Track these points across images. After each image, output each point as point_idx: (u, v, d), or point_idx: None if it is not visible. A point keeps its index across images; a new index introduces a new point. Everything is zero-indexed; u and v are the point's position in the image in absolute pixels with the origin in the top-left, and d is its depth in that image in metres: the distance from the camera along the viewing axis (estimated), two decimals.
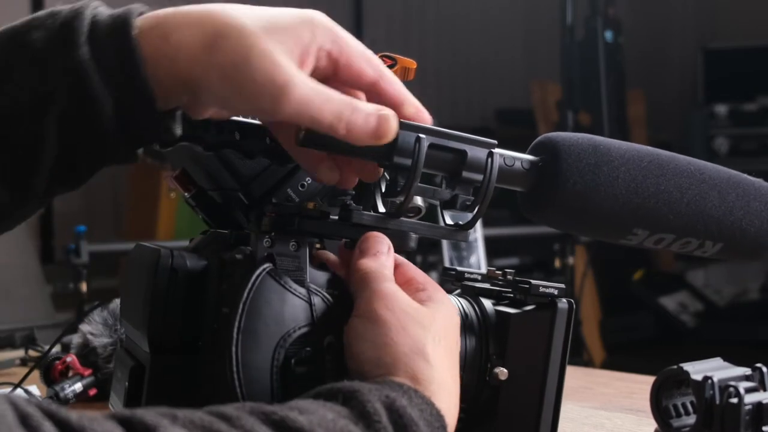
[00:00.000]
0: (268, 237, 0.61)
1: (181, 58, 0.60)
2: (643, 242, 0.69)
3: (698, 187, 0.69)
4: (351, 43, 0.63)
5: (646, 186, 0.67)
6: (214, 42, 0.59)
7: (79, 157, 0.62)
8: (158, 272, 0.64)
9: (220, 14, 0.60)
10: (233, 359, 0.57)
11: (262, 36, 0.59)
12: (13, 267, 2.87)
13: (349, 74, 0.63)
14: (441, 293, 0.65)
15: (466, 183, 0.66)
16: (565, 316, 0.69)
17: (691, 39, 5.17)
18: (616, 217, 0.67)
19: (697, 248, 0.71)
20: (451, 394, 0.60)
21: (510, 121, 4.50)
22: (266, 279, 0.59)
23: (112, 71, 0.60)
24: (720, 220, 0.70)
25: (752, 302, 4.50)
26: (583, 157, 0.67)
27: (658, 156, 0.69)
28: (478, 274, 0.75)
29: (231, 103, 0.61)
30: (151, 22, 0.61)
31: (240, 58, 0.59)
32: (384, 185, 0.68)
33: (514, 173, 0.67)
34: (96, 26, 0.60)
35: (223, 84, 0.59)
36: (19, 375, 1.17)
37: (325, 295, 0.62)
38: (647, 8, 5.24)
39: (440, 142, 0.65)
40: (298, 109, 0.59)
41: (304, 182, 0.73)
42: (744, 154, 4.56)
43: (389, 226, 0.66)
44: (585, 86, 3.69)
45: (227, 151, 0.70)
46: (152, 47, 0.60)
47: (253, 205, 0.72)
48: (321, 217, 0.66)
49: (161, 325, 0.64)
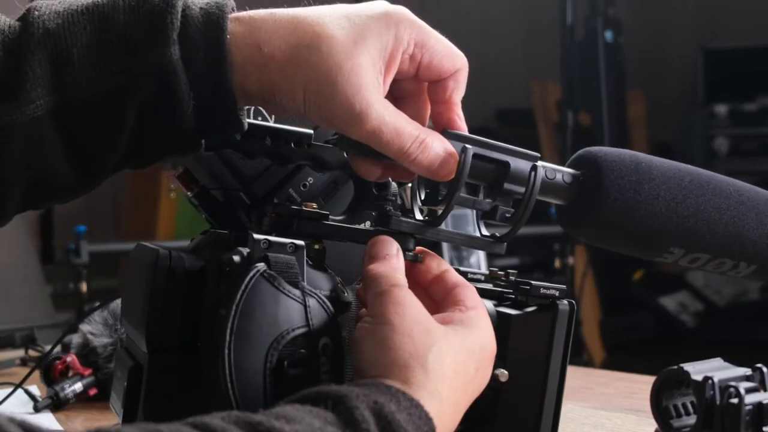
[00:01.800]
0: (266, 239, 0.61)
1: (271, 69, 0.61)
2: (678, 261, 0.70)
3: (737, 208, 0.69)
4: (431, 42, 0.64)
5: (686, 205, 0.67)
6: (303, 55, 0.60)
7: (151, 145, 0.63)
8: (156, 272, 0.64)
9: (312, 23, 0.61)
10: (226, 361, 0.57)
11: (350, 50, 0.60)
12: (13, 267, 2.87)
13: (428, 75, 0.65)
14: (483, 321, 0.63)
15: (507, 194, 0.66)
16: (566, 317, 0.69)
17: (691, 39, 5.17)
18: (655, 236, 0.68)
19: (732, 269, 0.71)
20: (444, 404, 0.59)
21: (510, 121, 4.49)
22: (260, 281, 0.59)
23: (200, 76, 0.60)
24: (756, 242, 0.70)
25: (752, 302, 4.50)
26: (624, 173, 0.67)
27: (699, 175, 0.69)
28: (482, 275, 0.75)
29: (308, 114, 0.62)
30: (244, 29, 0.61)
31: (325, 78, 0.60)
32: (423, 192, 0.68)
33: (555, 186, 0.67)
34: (188, 23, 0.60)
35: (305, 99, 0.61)
36: (19, 375, 1.17)
37: (321, 297, 0.61)
38: (647, 8, 5.24)
39: (484, 152, 0.65)
40: (368, 138, 0.62)
41: (306, 182, 0.73)
42: (744, 154, 4.55)
43: (427, 235, 0.66)
44: (585, 86, 3.69)
45: (228, 150, 0.70)
46: (243, 56, 0.61)
47: (254, 205, 0.72)
48: (320, 219, 0.66)
49: (159, 324, 0.64)
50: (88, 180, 0.64)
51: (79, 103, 0.60)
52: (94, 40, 0.60)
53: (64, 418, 1.04)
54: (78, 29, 0.60)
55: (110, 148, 0.62)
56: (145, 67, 0.59)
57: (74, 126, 0.61)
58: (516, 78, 4.82)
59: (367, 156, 0.65)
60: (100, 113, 0.60)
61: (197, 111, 0.61)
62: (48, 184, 0.62)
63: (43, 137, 0.60)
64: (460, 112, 0.66)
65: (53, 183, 0.62)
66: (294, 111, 0.63)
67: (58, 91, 0.60)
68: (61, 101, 0.60)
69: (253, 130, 0.69)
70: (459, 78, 0.66)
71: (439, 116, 0.66)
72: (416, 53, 0.63)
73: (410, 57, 0.63)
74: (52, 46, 0.60)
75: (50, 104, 0.60)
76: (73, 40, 0.60)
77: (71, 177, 0.62)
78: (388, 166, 0.66)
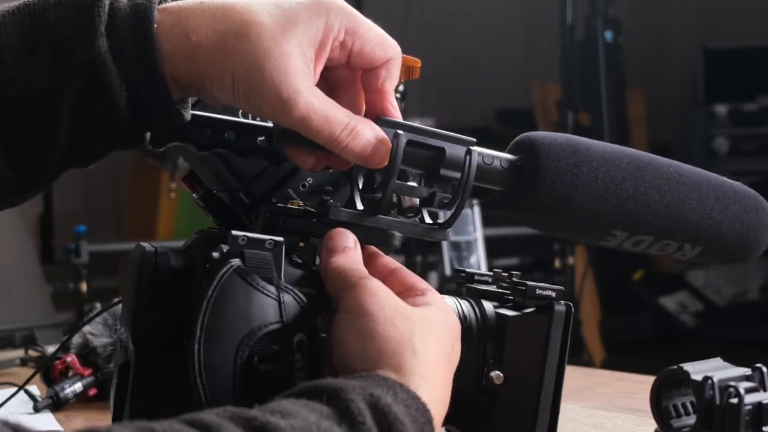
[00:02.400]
0: (244, 235, 0.61)
1: (199, 58, 0.61)
2: (622, 243, 0.69)
3: (677, 189, 0.69)
4: (363, 30, 0.64)
5: (625, 187, 0.67)
6: (231, 43, 0.60)
7: (90, 141, 0.63)
8: (142, 270, 0.64)
9: (240, 11, 0.61)
10: (195, 356, 0.57)
11: (278, 36, 0.60)
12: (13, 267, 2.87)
13: (360, 62, 0.65)
14: (439, 298, 0.64)
15: (444, 181, 0.66)
16: (562, 319, 0.69)
17: (691, 39, 5.17)
18: (595, 218, 0.67)
19: (676, 251, 0.71)
20: (436, 386, 0.59)
21: (510, 121, 4.49)
22: (232, 277, 0.59)
23: (130, 67, 0.60)
24: (698, 223, 0.69)
25: (752, 302, 4.50)
26: (562, 156, 0.66)
27: (638, 157, 0.69)
28: (489, 276, 0.75)
29: (238, 103, 0.62)
30: (172, 18, 0.61)
31: (253, 65, 0.60)
32: (361, 181, 0.68)
33: (492, 172, 0.67)
34: (115, 15, 0.60)
35: (234, 86, 0.61)
36: (19, 375, 1.17)
37: (297, 294, 0.61)
38: (647, 8, 5.24)
39: (418, 138, 0.65)
40: (296, 125, 0.61)
41: (305, 182, 0.73)
42: (744, 154, 4.55)
43: (367, 223, 0.66)
44: (585, 86, 3.69)
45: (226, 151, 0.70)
46: (171, 45, 0.61)
47: (254, 205, 0.72)
48: (304, 216, 0.66)
49: (145, 322, 0.64)
50: (31, 180, 0.64)
51: (13, 103, 0.60)
52: (24, 39, 0.60)
53: (64, 418, 1.04)
54: (9, 30, 0.60)
55: (49, 147, 0.62)
56: (75, 63, 0.60)
57: (10, 126, 0.61)
58: (516, 78, 4.82)
59: (301, 145, 0.65)
60: (35, 112, 0.61)
61: (131, 102, 0.61)
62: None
63: None
64: (393, 101, 0.66)
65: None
66: (224, 99, 0.63)
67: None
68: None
69: (247, 129, 0.69)
70: (391, 67, 0.65)
71: (373, 105, 0.66)
72: (347, 41, 0.63)
73: (341, 44, 0.63)
74: None
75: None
76: (4, 41, 0.60)
77: (12, 178, 0.63)
78: (322, 155, 0.66)
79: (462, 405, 0.68)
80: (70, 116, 0.61)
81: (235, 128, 0.69)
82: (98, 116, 0.61)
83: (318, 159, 0.66)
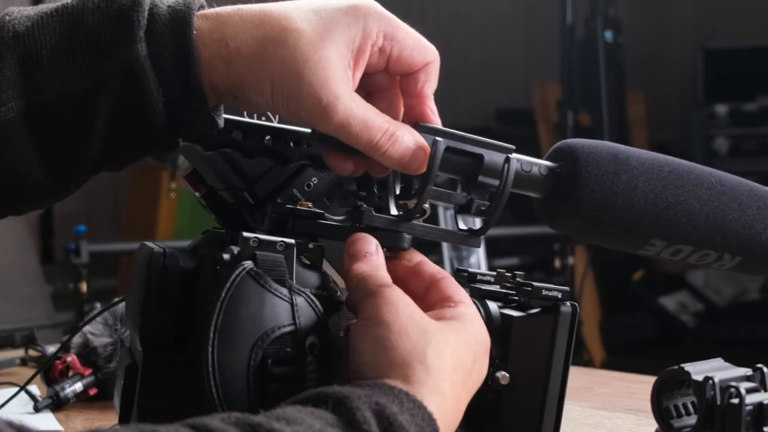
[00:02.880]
0: (255, 237, 0.61)
1: (238, 64, 0.61)
2: (660, 253, 0.68)
3: (718, 199, 0.68)
4: (401, 34, 0.64)
5: (665, 196, 0.66)
6: (270, 49, 0.60)
7: (125, 146, 0.63)
8: (150, 271, 0.64)
9: (278, 18, 0.61)
10: (209, 359, 0.57)
11: (317, 43, 0.60)
12: (13, 267, 2.87)
13: (399, 67, 0.64)
14: (471, 313, 0.63)
15: (482, 188, 0.65)
16: (568, 319, 0.69)
17: (691, 39, 5.17)
18: (634, 227, 0.67)
19: (715, 261, 0.70)
20: (446, 400, 0.58)
21: (510, 121, 4.50)
22: (245, 279, 0.59)
23: (168, 73, 0.60)
24: (739, 233, 0.69)
25: (752, 302, 4.50)
26: (601, 165, 0.66)
27: (679, 166, 0.68)
28: (491, 276, 0.74)
29: (276, 110, 0.62)
30: (211, 25, 0.61)
31: (291, 71, 0.60)
32: (398, 187, 0.67)
33: (531, 179, 0.67)
34: (155, 21, 0.60)
35: (272, 93, 0.61)
36: (20, 374, 1.17)
37: (309, 296, 0.61)
38: (647, 8, 5.24)
39: (457, 145, 0.65)
40: (336, 131, 0.61)
41: (310, 182, 0.73)
42: (744, 154, 4.55)
43: (401, 229, 0.66)
44: (585, 86, 3.69)
45: (232, 150, 0.70)
46: (210, 52, 0.61)
47: (258, 205, 0.72)
48: (314, 218, 0.66)
49: (153, 323, 0.64)
50: (64, 183, 0.64)
51: (49, 104, 0.60)
52: (63, 41, 0.60)
53: (64, 418, 1.04)
54: (47, 31, 0.60)
55: (83, 149, 0.62)
56: (113, 67, 0.60)
57: (46, 128, 0.61)
58: (516, 78, 4.83)
59: (339, 150, 0.65)
60: (71, 114, 0.60)
61: (168, 108, 0.61)
62: (23, 187, 0.63)
63: (15, 139, 0.60)
64: (432, 105, 0.66)
65: (28, 186, 0.63)
66: (263, 106, 0.63)
67: (28, 93, 0.60)
68: (32, 103, 0.60)
69: (253, 129, 0.69)
70: (430, 71, 0.65)
71: (412, 109, 0.66)
72: (386, 46, 0.63)
73: (380, 50, 0.63)
74: (21, 48, 0.60)
75: (21, 106, 0.60)
76: (42, 42, 0.60)
77: (46, 180, 0.63)
78: (360, 161, 0.65)
79: (467, 405, 0.68)
80: (105, 120, 0.61)
81: (242, 128, 0.69)
82: (134, 121, 0.61)
83: (357, 165, 0.66)
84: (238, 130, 0.69)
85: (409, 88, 0.65)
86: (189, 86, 0.61)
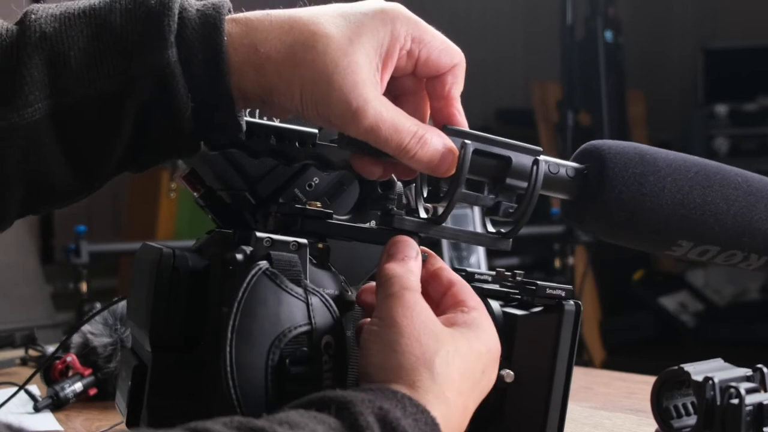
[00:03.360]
0: (268, 237, 0.61)
1: (267, 69, 0.61)
2: (687, 254, 0.68)
3: (745, 199, 0.68)
4: (428, 37, 0.64)
5: (693, 197, 0.67)
6: (299, 55, 0.60)
7: (150, 148, 0.63)
8: (160, 271, 0.64)
9: (307, 23, 0.61)
10: (227, 359, 0.57)
11: (346, 47, 0.60)
12: (13, 267, 2.87)
13: (426, 70, 0.64)
14: (484, 320, 0.63)
15: (510, 190, 0.65)
16: (572, 317, 0.69)
17: (691, 39, 5.17)
18: (661, 228, 0.67)
19: (742, 261, 0.70)
20: (451, 408, 0.58)
21: (510, 121, 4.49)
22: (262, 278, 0.59)
23: (198, 78, 0.60)
24: (766, 233, 0.69)
25: (752, 302, 4.50)
26: (629, 166, 0.66)
27: (706, 166, 0.68)
28: (489, 275, 0.74)
29: (306, 114, 0.62)
30: (241, 30, 0.61)
31: (321, 76, 0.60)
32: (426, 190, 0.67)
33: (558, 181, 0.67)
34: (185, 25, 0.60)
35: (302, 98, 0.61)
36: (19, 374, 1.17)
37: (323, 296, 0.61)
38: (647, 8, 5.24)
39: (485, 148, 0.65)
40: (365, 135, 0.61)
41: (311, 182, 0.73)
42: (744, 154, 4.55)
43: (430, 233, 0.66)
44: (585, 86, 3.69)
45: (234, 150, 0.70)
46: (240, 57, 0.61)
47: (260, 205, 0.72)
48: (324, 217, 0.66)
49: (163, 323, 0.64)
50: (88, 183, 0.64)
51: (76, 106, 0.60)
52: (91, 42, 0.60)
53: (64, 418, 1.04)
54: (75, 32, 0.60)
55: (108, 151, 0.62)
56: (142, 70, 0.59)
57: (72, 129, 0.61)
58: (516, 78, 4.82)
59: (368, 154, 0.65)
60: (97, 116, 0.60)
61: (195, 113, 0.61)
62: (47, 187, 0.63)
63: (41, 140, 0.60)
64: (459, 107, 0.66)
65: (52, 187, 0.63)
66: (292, 111, 0.63)
67: (55, 94, 0.60)
68: (59, 104, 0.60)
69: (258, 129, 0.69)
70: (457, 72, 0.65)
71: (439, 112, 0.66)
72: (413, 49, 0.63)
73: (407, 53, 0.63)
74: (49, 49, 0.60)
75: (48, 107, 0.60)
76: (70, 44, 0.60)
77: (70, 180, 0.63)
78: (389, 165, 0.66)
79: None
80: (132, 122, 0.61)
81: (247, 128, 0.69)
82: (161, 125, 0.61)
83: (385, 168, 0.66)
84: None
85: (436, 90, 0.66)
86: (219, 92, 0.61)
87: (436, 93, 0.66)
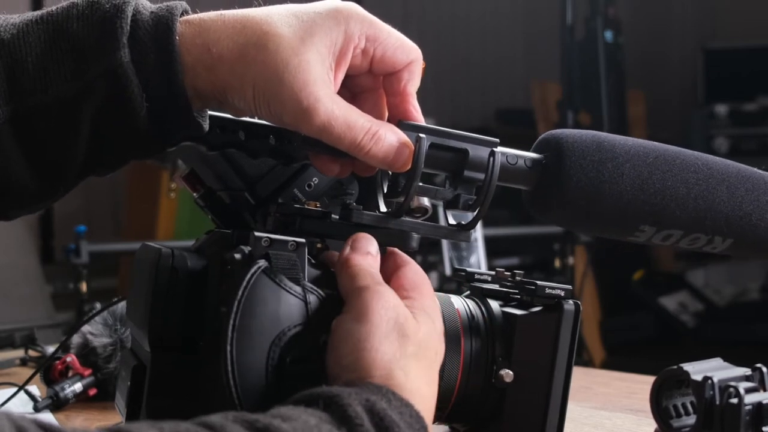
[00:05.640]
0: (267, 236, 0.61)
1: (220, 69, 0.61)
2: (650, 239, 0.69)
3: (706, 182, 0.68)
4: (383, 35, 0.64)
5: (652, 182, 0.67)
6: (251, 54, 0.61)
7: (110, 150, 0.64)
8: (159, 271, 0.64)
9: (259, 22, 0.62)
10: (228, 358, 0.58)
11: (297, 47, 0.61)
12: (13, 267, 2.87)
13: (382, 68, 0.65)
14: (429, 301, 0.64)
15: (468, 182, 0.66)
16: (571, 317, 0.69)
17: (691, 39, 5.17)
18: (622, 214, 0.67)
19: (707, 244, 0.70)
20: (425, 400, 0.60)
21: (510, 121, 4.50)
22: (261, 277, 0.59)
23: (151, 78, 0.61)
24: (729, 215, 0.69)
25: (752, 302, 4.50)
26: (587, 153, 0.66)
27: (665, 151, 0.69)
28: (488, 275, 0.75)
29: (259, 114, 0.63)
30: (194, 30, 0.62)
31: (272, 75, 0.61)
32: (386, 185, 0.68)
33: (517, 171, 0.67)
34: (138, 26, 0.61)
35: (254, 97, 0.62)
36: (19, 374, 1.17)
37: (321, 294, 0.61)
38: (647, 8, 5.24)
39: (441, 141, 0.65)
40: (318, 133, 0.62)
41: (311, 182, 0.73)
42: (744, 154, 4.55)
43: (390, 225, 0.66)
44: (585, 86, 3.69)
45: (233, 151, 0.70)
46: (193, 57, 0.61)
47: (259, 205, 0.72)
48: (322, 217, 0.66)
49: (162, 323, 0.64)
50: (52, 188, 0.65)
51: (35, 111, 0.61)
52: (47, 48, 0.61)
53: (64, 418, 1.04)
54: (32, 39, 0.61)
55: (70, 155, 0.63)
56: (96, 72, 0.60)
57: (33, 134, 0.62)
58: (516, 78, 4.82)
59: (324, 152, 0.65)
60: (56, 120, 0.61)
61: (152, 113, 0.62)
62: (11, 192, 0.63)
63: (3, 146, 0.61)
64: (415, 103, 0.66)
65: (16, 191, 0.63)
66: (246, 110, 0.64)
67: (14, 100, 0.61)
68: (18, 110, 0.61)
69: (257, 129, 0.69)
70: (413, 69, 0.66)
71: (395, 108, 0.67)
72: (368, 47, 0.64)
73: (362, 52, 0.64)
74: (6, 56, 0.61)
75: (7, 113, 0.61)
76: (27, 50, 0.61)
77: (34, 185, 0.63)
78: (346, 162, 0.66)
79: (471, 403, 0.69)
80: (90, 126, 0.61)
81: (246, 128, 0.69)
82: (119, 126, 0.62)
83: (342, 166, 0.66)
84: (242, 130, 0.69)
85: (392, 87, 0.66)
86: (172, 91, 0.61)
87: (393, 90, 0.66)
